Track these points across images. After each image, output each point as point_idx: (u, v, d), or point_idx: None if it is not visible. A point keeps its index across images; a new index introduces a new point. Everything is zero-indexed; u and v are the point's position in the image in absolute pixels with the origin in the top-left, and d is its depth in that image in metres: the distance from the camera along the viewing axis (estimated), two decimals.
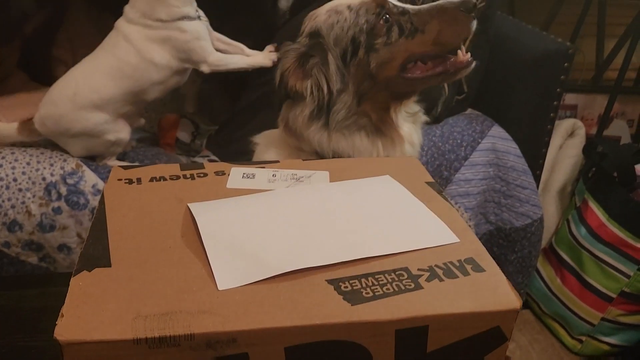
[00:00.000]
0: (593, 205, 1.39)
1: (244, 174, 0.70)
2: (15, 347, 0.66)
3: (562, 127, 1.64)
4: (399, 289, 0.50)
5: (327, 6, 0.91)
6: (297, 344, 0.46)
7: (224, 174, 0.70)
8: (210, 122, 1.54)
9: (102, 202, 0.62)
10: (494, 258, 1.69)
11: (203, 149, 1.38)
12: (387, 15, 0.86)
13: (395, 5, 0.87)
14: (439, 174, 1.37)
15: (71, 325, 0.44)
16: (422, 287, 0.51)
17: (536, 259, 1.52)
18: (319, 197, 0.64)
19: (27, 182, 1.23)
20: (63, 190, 1.24)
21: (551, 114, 1.42)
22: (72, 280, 0.49)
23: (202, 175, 0.69)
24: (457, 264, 0.54)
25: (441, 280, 0.52)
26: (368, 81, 0.88)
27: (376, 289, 0.50)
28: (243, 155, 1.36)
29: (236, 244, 0.55)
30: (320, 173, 0.71)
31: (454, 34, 0.85)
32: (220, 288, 0.49)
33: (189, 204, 0.62)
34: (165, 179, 0.68)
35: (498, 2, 1.37)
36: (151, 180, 0.67)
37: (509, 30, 1.47)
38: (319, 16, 0.90)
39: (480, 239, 1.47)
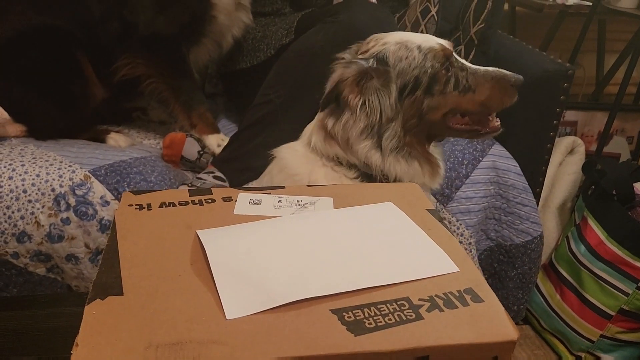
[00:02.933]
0: (592, 224, 1.41)
1: (250, 199, 0.72)
2: None
3: (562, 144, 1.66)
4: (401, 319, 0.52)
5: (396, 37, 0.99)
6: None
7: (231, 199, 0.72)
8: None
9: (113, 228, 0.64)
10: (494, 274, 1.70)
11: (209, 165, 1.40)
12: (450, 67, 0.96)
13: (457, 60, 0.98)
14: (441, 192, 1.39)
15: (86, 354, 0.46)
16: (422, 318, 0.53)
17: (536, 275, 1.53)
18: (323, 225, 0.66)
19: (36, 194, 1.26)
20: (72, 201, 1.26)
21: (551, 133, 1.43)
22: (86, 308, 0.51)
23: (209, 201, 0.72)
24: (457, 294, 0.56)
25: (441, 310, 0.54)
26: (416, 119, 0.97)
27: (378, 319, 0.52)
28: (247, 171, 1.38)
29: (243, 273, 0.57)
30: (325, 199, 0.73)
31: (500, 102, 0.98)
32: (228, 317, 0.51)
33: (197, 231, 0.64)
34: (174, 205, 0.70)
35: (498, 22, 1.40)
36: (161, 206, 0.69)
37: (509, 51, 1.49)
38: (388, 44, 0.98)
39: (480, 255, 1.50)
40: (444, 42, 0.99)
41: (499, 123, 1.02)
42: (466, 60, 1.39)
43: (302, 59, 1.32)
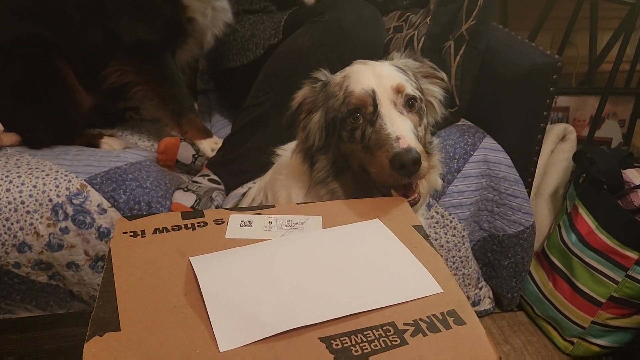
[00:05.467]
0: (583, 213, 1.43)
1: (241, 221, 0.74)
2: None
3: (554, 132, 1.67)
4: (386, 345, 0.55)
5: (350, 69, 0.90)
6: None
7: (223, 222, 0.74)
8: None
9: (109, 259, 0.66)
10: (488, 263, 1.72)
11: (203, 167, 1.42)
12: (359, 117, 0.85)
13: (373, 112, 0.84)
14: None
15: None
16: (407, 343, 0.55)
17: (529, 264, 1.56)
18: (312, 248, 0.68)
19: (34, 204, 1.28)
20: (69, 210, 1.28)
21: (541, 124, 1.45)
22: (85, 346, 0.54)
23: (202, 224, 0.73)
24: (440, 317, 0.58)
25: (425, 335, 0.56)
26: (342, 159, 0.90)
27: (364, 346, 0.54)
28: (241, 174, 1.40)
29: (235, 302, 0.59)
30: (314, 218, 0.75)
31: (380, 177, 0.82)
32: (221, 350, 0.54)
33: (190, 259, 0.66)
34: (167, 230, 0.72)
35: (490, 17, 1.39)
36: (154, 232, 0.71)
37: (499, 43, 1.49)
38: (342, 73, 0.90)
39: (474, 246, 1.53)
40: (386, 87, 0.85)
41: (413, 196, 0.83)
42: (455, 57, 1.41)
43: (290, 60, 1.33)
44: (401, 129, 0.81)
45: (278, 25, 1.50)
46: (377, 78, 0.86)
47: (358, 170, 0.88)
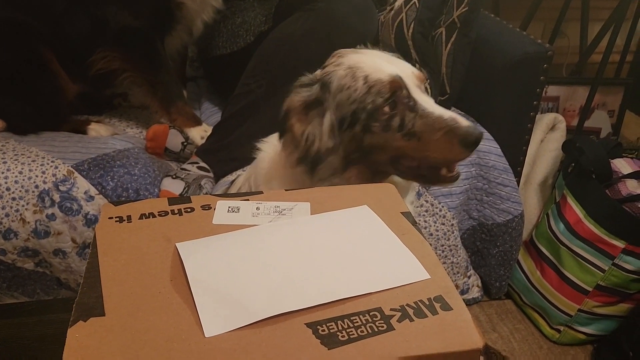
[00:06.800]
0: (571, 202, 1.44)
1: (229, 207, 0.73)
2: None
3: (543, 121, 1.68)
4: (372, 330, 0.55)
5: (352, 60, 0.86)
6: None
7: (210, 207, 0.73)
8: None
9: (94, 244, 0.65)
10: (477, 252, 1.75)
11: (192, 155, 1.41)
12: (395, 103, 0.83)
13: (409, 97, 0.83)
14: None
15: None
16: (393, 328, 0.55)
17: (517, 253, 1.58)
18: (299, 234, 0.68)
19: (20, 191, 1.26)
20: (56, 197, 1.27)
21: (531, 113, 1.45)
22: (69, 331, 0.53)
23: (189, 210, 0.73)
24: (427, 303, 0.58)
25: (412, 320, 0.56)
26: (359, 153, 0.88)
27: (351, 331, 0.54)
28: (231, 161, 1.40)
29: (222, 288, 0.59)
30: (302, 205, 0.74)
31: (443, 158, 0.83)
32: (207, 335, 0.53)
33: (177, 244, 0.65)
34: (154, 216, 0.71)
35: (481, 6, 1.39)
36: (140, 217, 0.71)
37: (490, 32, 1.49)
38: (339, 67, 0.87)
39: (463, 234, 1.54)
40: (407, 72, 0.85)
41: (453, 174, 0.87)
42: (447, 45, 1.41)
43: (282, 48, 1.32)
44: (443, 110, 0.81)
45: (269, 11, 1.49)
46: (393, 65, 0.84)
47: (381, 161, 0.86)
